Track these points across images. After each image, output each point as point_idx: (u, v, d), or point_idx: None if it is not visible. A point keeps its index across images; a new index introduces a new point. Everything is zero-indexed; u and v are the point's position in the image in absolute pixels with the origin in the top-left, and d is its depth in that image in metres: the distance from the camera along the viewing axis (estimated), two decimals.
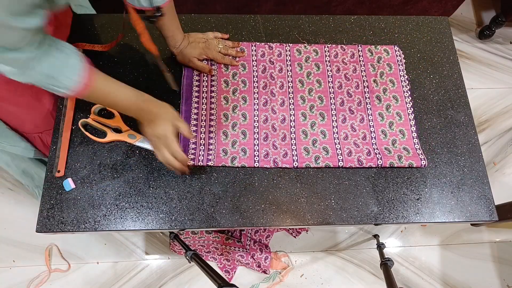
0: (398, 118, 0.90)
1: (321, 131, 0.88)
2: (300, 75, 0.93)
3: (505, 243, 1.56)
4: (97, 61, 0.90)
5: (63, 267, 1.42)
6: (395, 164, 0.84)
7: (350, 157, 0.85)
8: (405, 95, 0.93)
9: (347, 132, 0.88)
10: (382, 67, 0.95)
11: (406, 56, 0.98)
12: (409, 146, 0.87)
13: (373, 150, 0.86)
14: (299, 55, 0.95)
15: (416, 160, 0.85)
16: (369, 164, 0.84)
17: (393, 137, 0.88)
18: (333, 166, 0.84)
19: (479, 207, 0.84)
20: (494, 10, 2.03)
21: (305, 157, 0.84)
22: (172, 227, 0.78)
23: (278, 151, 0.85)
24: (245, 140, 0.85)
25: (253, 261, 1.43)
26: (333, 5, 1.52)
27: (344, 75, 0.94)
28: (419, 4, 1.56)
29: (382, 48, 0.98)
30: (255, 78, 0.92)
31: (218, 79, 0.91)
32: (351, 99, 0.91)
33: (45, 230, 0.76)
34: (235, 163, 0.83)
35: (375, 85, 0.93)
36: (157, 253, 1.46)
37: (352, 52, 0.97)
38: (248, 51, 0.95)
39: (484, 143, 1.73)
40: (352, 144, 0.87)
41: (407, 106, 0.92)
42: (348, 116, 0.90)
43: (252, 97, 0.90)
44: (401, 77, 0.95)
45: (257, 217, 0.80)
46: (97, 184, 0.80)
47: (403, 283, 1.47)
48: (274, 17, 1.00)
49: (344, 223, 0.81)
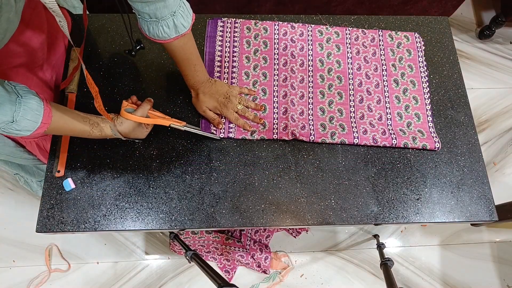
0: (415, 102, 0.92)
1: (338, 109, 0.90)
2: (321, 54, 0.95)
3: (505, 243, 1.56)
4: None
5: (63, 267, 1.42)
6: (409, 144, 0.86)
7: (366, 135, 0.86)
8: (423, 80, 0.94)
9: (364, 112, 0.90)
10: (401, 52, 0.97)
11: None
12: (423, 129, 0.89)
13: (388, 131, 0.87)
14: (320, 36, 0.97)
15: (430, 142, 0.86)
16: (384, 143, 0.86)
17: (409, 119, 0.90)
18: (348, 143, 0.85)
19: (479, 207, 0.84)
20: (494, 10, 2.03)
21: (321, 132, 0.86)
22: (172, 227, 0.78)
23: (296, 123, 0.86)
24: (264, 114, 0.88)
25: (253, 261, 1.43)
26: (333, 5, 1.52)
27: (364, 58, 0.96)
28: (419, 4, 1.56)
29: (403, 34, 0.99)
30: (275, 56, 0.94)
31: (240, 56, 0.93)
32: (369, 81, 0.93)
33: (45, 230, 0.76)
34: (254, 135, 0.85)
35: (393, 69, 0.95)
36: (157, 253, 1.46)
37: (372, 36, 0.98)
38: (270, 29, 0.97)
39: (484, 143, 1.73)
40: (367, 124, 0.88)
41: (424, 91, 0.93)
42: (365, 96, 0.91)
43: (272, 73, 0.92)
44: (419, 63, 0.96)
45: (257, 217, 0.80)
46: (97, 184, 0.80)
47: (403, 283, 1.47)
48: (274, 17, 1.00)
49: (344, 223, 0.80)
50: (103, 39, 0.94)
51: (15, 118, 0.58)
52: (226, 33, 0.96)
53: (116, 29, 0.95)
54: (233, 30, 0.96)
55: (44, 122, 0.62)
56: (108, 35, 0.94)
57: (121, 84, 0.89)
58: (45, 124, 0.62)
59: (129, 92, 0.88)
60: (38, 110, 0.60)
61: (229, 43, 0.95)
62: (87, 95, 0.87)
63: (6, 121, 0.57)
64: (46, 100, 0.63)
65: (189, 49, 0.76)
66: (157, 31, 0.68)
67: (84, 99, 0.87)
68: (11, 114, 0.57)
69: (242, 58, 0.93)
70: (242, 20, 0.97)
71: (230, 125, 0.86)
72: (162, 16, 0.66)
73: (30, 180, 1.29)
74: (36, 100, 0.60)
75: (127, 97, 0.80)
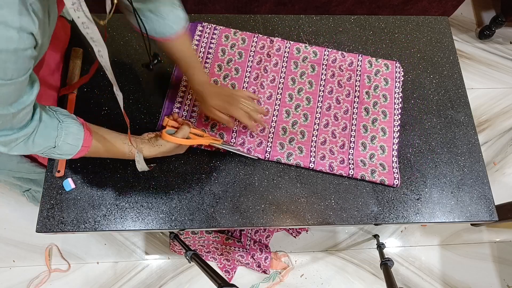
0: (382, 133, 0.89)
1: (301, 131, 0.87)
2: (294, 73, 0.93)
3: (505, 243, 1.56)
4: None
5: (63, 267, 1.42)
6: (367, 177, 0.83)
7: (323, 161, 0.84)
8: (395, 112, 0.91)
9: (327, 137, 0.87)
10: (378, 81, 0.94)
11: (406, 56, 0.98)
12: (386, 163, 0.85)
13: (348, 160, 0.85)
14: (297, 54, 0.95)
15: (389, 178, 0.83)
16: (340, 172, 0.83)
17: (372, 151, 0.87)
18: (303, 166, 0.83)
19: (479, 207, 0.84)
20: (494, 10, 2.03)
21: (278, 151, 0.84)
22: (172, 227, 0.78)
23: (254, 139, 0.85)
24: (223, 125, 0.85)
25: (253, 261, 1.43)
26: (333, 5, 1.52)
27: (338, 82, 0.93)
28: (419, 4, 1.56)
29: (383, 62, 0.96)
30: (248, 68, 0.93)
31: (212, 63, 0.92)
32: (338, 106, 0.91)
33: (45, 230, 0.76)
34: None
35: (366, 97, 0.92)
36: (157, 253, 1.46)
37: (351, 60, 0.96)
38: (249, 40, 0.95)
39: (484, 143, 1.73)
40: (327, 150, 0.86)
41: (395, 123, 0.90)
42: (331, 122, 0.89)
43: (242, 85, 0.91)
44: (395, 93, 0.93)
45: (257, 217, 0.80)
46: (97, 184, 0.80)
47: (403, 283, 1.47)
48: (274, 17, 1.00)
49: (344, 223, 0.80)
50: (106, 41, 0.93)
51: (57, 143, 0.59)
52: (203, 38, 0.94)
53: (116, 29, 0.95)
54: (211, 37, 0.95)
55: (84, 145, 0.63)
56: (108, 35, 0.94)
57: (121, 84, 0.89)
58: (85, 148, 0.64)
59: (132, 94, 0.88)
60: (79, 134, 0.62)
61: (204, 48, 0.93)
62: (87, 95, 0.87)
63: (48, 146, 0.59)
64: (85, 124, 0.64)
65: (190, 47, 0.78)
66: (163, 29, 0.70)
67: (84, 99, 0.87)
68: (53, 140, 0.59)
69: (214, 65, 0.92)
70: (222, 28, 0.96)
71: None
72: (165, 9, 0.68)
73: (39, 193, 1.29)
74: (77, 124, 0.62)
75: (127, 97, 0.80)
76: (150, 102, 0.88)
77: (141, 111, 0.87)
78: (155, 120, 0.86)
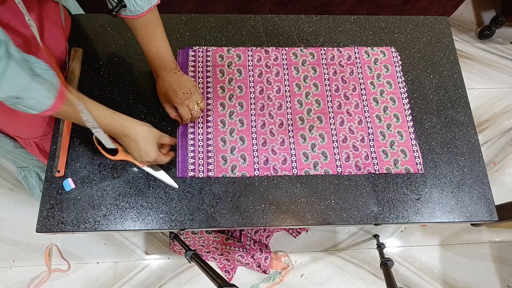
0: (396, 119, 0.90)
1: (320, 134, 0.87)
2: (297, 78, 0.93)
3: (505, 243, 1.56)
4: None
5: (63, 267, 1.42)
6: (392, 170, 0.85)
7: (348, 163, 0.85)
8: (402, 96, 0.93)
9: (346, 134, 0.88)
10: (379, 69, 0.95)
11: (406, 56, 0.98)
12: (407, 148, 0.87)
13: (371, 154, 0.86)
14: (295, 59, 0.95)
15: (412, 165, 0.85)
16: (367, 169, 0.84)
17: (392, 138, 0.88)
18: (332, 173, 0.84)
19: (479, 207, 0.84)
20: (494, 10, 2.03)
21: (304, 163, 0.84)
22: (172, 227, 0.78)
23: (278, 156, 0.85)
24: (243, 146, 0.85)
25: (253, 261, 1.43)
26: (333, 5, 1.52)
27: (341, 78, 0.94)
28: (419, 4, 1.56)
29: (379, 50, 0.97)
30: (251, 83, 0.92)
31: (214, 86, 0.91)
32: (348, 101, 0.91)
33: (45, 230, 0.76)
34: (235, 172, 0.82)
35: (372, 88, 0.93)
36: (157, 253, 1.46)
37: (348, 54, 0.96)
38: (244, 56, 0.94)
39: (484, 143, 1.73)
40: (351, 147, 0.87)
41: (405, 107, 0.91)
42: (346, 118, 0.90)
43: (249, 102, 0.90)
44: (398, 78, 0.95)
45: (257, 217, 0.80)
46: (97, 184, 0.80)
47: (403, 283, 1.47)
48: (274, 17, 1.00)
49: (344, 223, 0.81)
50: (103, 39, 0.93)
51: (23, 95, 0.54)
52: (198, 62, 0.93)
53: (116, 29, 0.95)
54: (205, 59, 0.93)
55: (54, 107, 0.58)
56: (108, 35, 0.94)
57: (121, 84, 0.89)
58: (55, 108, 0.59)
59: (132, 94, 0.88)
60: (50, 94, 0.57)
61: (202, 73, 0.92)
62: (87, 95, 0.87)
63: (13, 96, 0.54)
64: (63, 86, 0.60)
65: (154, 27, 0.73)
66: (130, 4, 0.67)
67: None
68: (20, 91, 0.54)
69: (216, 88, 0.90)
70: (214, 48, 0.94)
71: (209, 160, 0.83)
72: None
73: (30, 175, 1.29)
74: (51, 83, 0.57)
75: (127, 97, 0.80)
76: (150, 102, 0.88)
77: (141, 111, 0.87)
78: (155, 120, 0.86)
